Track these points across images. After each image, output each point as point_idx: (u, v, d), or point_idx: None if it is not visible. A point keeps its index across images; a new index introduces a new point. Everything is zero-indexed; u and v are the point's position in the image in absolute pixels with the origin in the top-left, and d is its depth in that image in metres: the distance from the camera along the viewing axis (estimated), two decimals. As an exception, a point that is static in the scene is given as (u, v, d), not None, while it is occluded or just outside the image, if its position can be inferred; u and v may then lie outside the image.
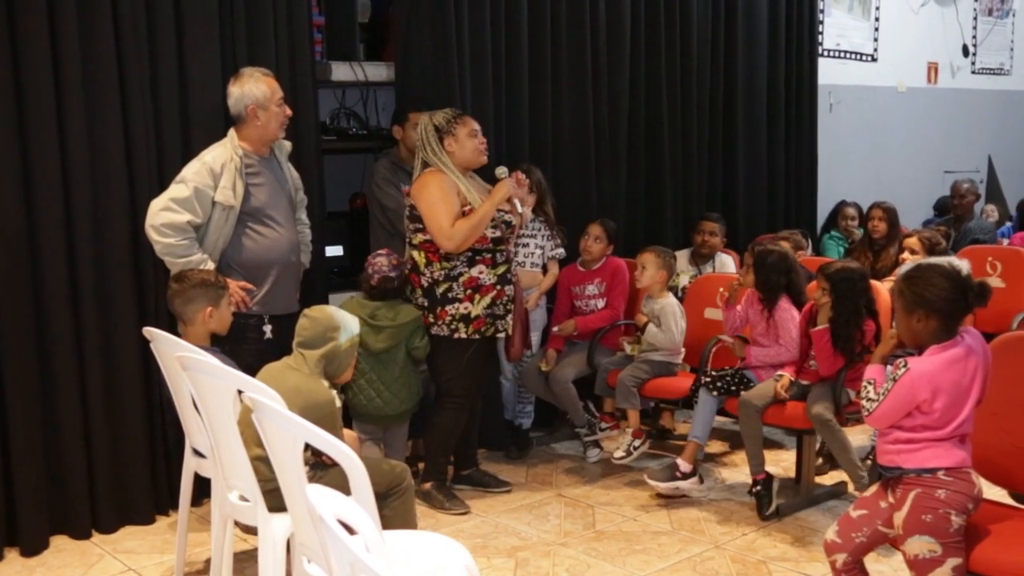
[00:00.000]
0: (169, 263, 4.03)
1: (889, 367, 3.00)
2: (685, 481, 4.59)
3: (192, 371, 3.27)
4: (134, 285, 4.30)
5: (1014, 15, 10.08)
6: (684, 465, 4.60)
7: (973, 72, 9.72)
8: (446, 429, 4.53)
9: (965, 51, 9.60)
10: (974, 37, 9.69)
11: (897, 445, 2.92)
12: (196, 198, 4.00)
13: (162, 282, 4.09)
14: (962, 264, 2.97)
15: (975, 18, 9.65)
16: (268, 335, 4.20)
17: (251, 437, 3.03)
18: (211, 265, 4.05)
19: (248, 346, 4.08)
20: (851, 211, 7.19)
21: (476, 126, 4.42)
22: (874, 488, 3.09)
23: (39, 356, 4.09)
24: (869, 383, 2.98)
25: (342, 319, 3.41)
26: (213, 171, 4.05)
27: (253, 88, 4.16)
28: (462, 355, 4.43)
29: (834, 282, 4.24)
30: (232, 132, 4.20)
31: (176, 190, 4.01)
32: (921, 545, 2.81)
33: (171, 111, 4.37)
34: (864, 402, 2.97)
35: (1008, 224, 8.20)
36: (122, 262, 4.25)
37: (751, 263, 4.60)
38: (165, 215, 3.97)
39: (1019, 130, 10.36)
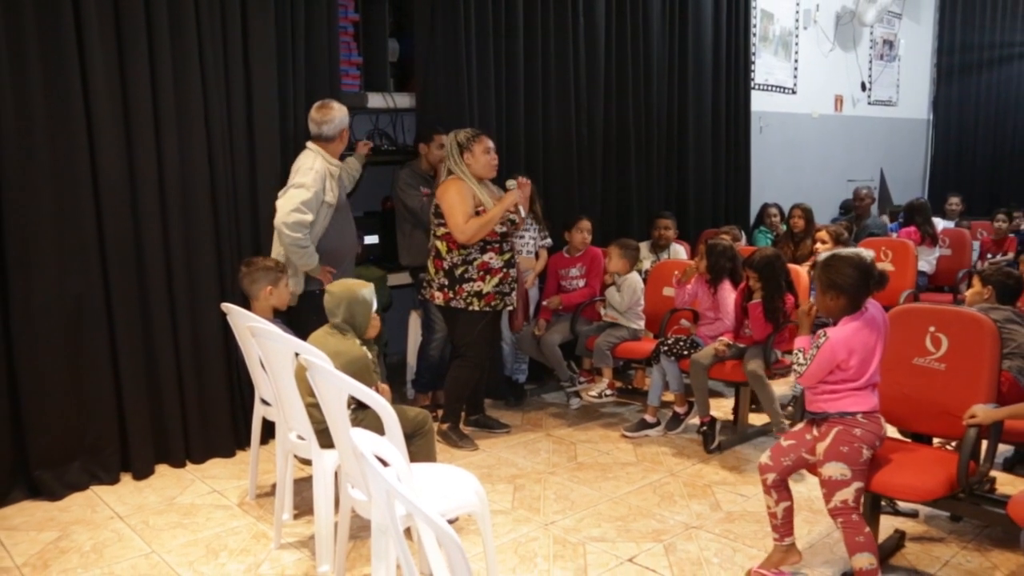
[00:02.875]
0: (292, 251, 4.05)
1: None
2: (652, 429, 4.66)
3: (259, 338, 3.25)
4: (215, 271, 4.26)
5: (900, 60, 10.25)
6: (650, 418, 4.68)
7: (869, 103, 9.83)
8: (461, 383, 4.47)
9: (863, 87, 9.68)
10: (870, 76, 9.74)
11: (824, 396, 2.91)
12: (315, 200, 4.05)
13: (237, 268, 4.04)
14: (868, 255, 2.97)
15: (870, 61, 9.75)
16: None
17: (305, 389, 3.01)
18: (316, 256, 4.09)
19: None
20: (773, 210, 7.16)
21: (491, 144, 4.32)
22: (801, 425, 3.08)
23: (143, 327, 4.07)
24: (799, 351, 2.96)
25: (343, 286, 3.33)
26: (323, 178, 4.09)
27: (345, 115, 4.23)
28: (476, 324, 4.36)
29: (759, 268, 4.27)
30: (317, 146, 4.17)
31: (301, 194, 4.01)
32: (836, 469, 2.81)
33: (240, 132, 4.31)
34: (795, 366, 2.96)
35: (897, 222, 8.14)
36: (206, 253, 4.21)
37: (704, 252, 4.58)
38: (296, 215, 3.98)
39: (904, 149, 10.48)
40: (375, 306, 3.33)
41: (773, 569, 3.05)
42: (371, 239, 5.28)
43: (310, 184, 4.02)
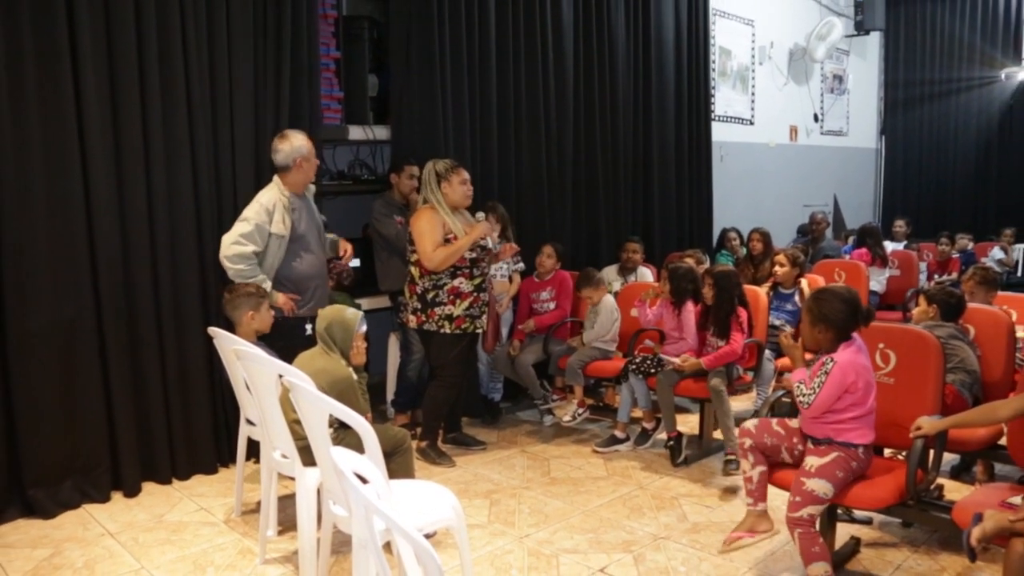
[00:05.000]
0: (237, 279, 3.95)
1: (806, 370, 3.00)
2: (622, 445, 4.66)
3: (244, 360, 3.22)
4: (200, 297, 4.24)
5: (849, 93, 10.44)
6: (620, 434, 4.68)
7: (822, 133, 9.99)
8: (439, 402, 4.45)
9: (816, 118, 9.83)
10: (822, 108, 9.90)
11: (830, 424, 2.91)
12: (257, 232, 3.91)
13: (221, 293, 4.00)
14: (855, 291, 2.99)
15: (822, 94, 9.92)
16: (309, 332, 4.02)
17: (289, 406, 2.99)
18: (269, 284, 3.96)
19: (297, 341, 3.87)
20: (733, 235, 7.23)
21: (467, 176, 4.33)
22: (796, 422, 3.08)
23: (132, 351, 4.04)
24: (800, 384, 2.95)
25: (331, 309, 3.33)
26: (267, 209, 3.95)
27: (300, 144, 4.05)
28: (450, 346, 4.35)
29: (716, 279, 4.35)
30: (277, 178, 4.08)
31: (241, 227, 3.90)
32: (822, 487, 2.81)
33: (226, 165, 4.31)
34: (800, 398, 2.93)
35: (849, 244, 8.26)
36: (191, 279, 4.20)
37: (667, 276, 4.61)
38: (235, 248, 3.87)
39: (855, 176, 10.65)
40: (360, 330, 3.29)
41: (746, 531, 3.07)
42: (352, 263, 5.25)
43: (251, 217, 3.93)
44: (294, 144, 4.03)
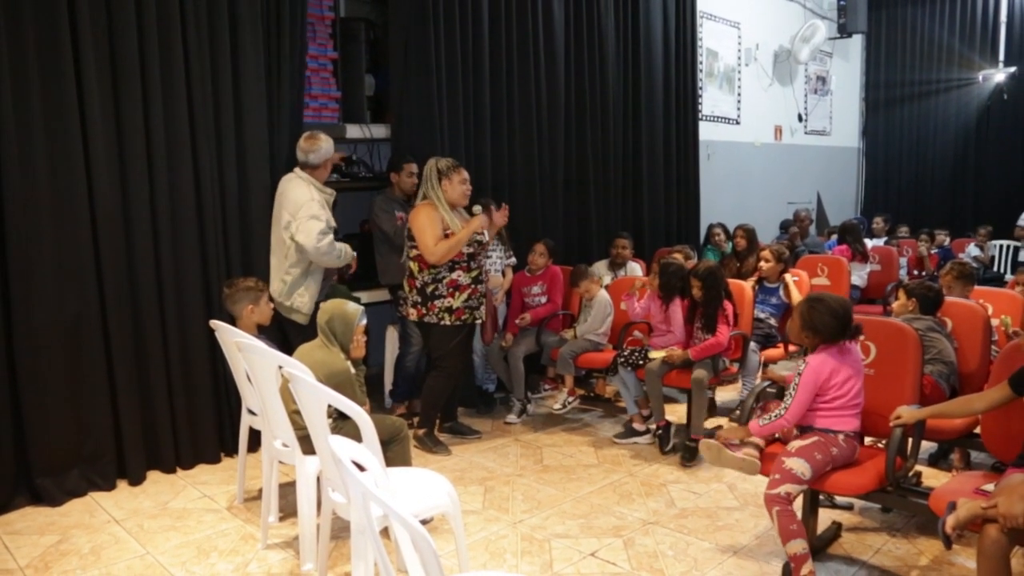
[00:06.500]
0: (334, 263, 4.21)
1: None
2: (641, 437, 4.61)
3: (245, 352, 3.23)
4: (203, 292, 4.22)
5: (832, 94, 10.45)
6: (638, 426, 4.63)
7: (805, 133, 10.00)
8: (437, 392, 4.45)
9: (800, 118, 9.84)
10: (805, 108, 9.91)
11: (813, 412, 2.94)
12: (326, 226, 4.12)
13: (222, 288, 4.00)
14: (848, 304, 2.99)
15: (806, 95, 9.93)
16: None
17: (289, 397, 2.98)
18: (344, 250, 4.22)
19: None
20: (718, 230, 7.21)
21: (466, 175, 4.33)
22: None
23: (136, 344, 4.03)
24: (763, 418, 3.00)
25: (332, 303, 3.31)
26: (322, 204, 4.14)
27: (330, 147, 4.23)
28: (450, 338, 4.35)
29: (702, 278, 4.34)
30: (307, 175, 4.18)
31: (316, 224, 4.07)
32: (800, 465, 2.83)
33: (229, 163, 4.28)
34: (774, 417, 2.96)
35: (832, 239, 8.27)
36: (194, 274, 4.18)
37: (657, 271, 4.61)
38: (323, 243, 4.07)
39: (838, 174, 10.66)
40: (360, 324, 3.28)
41: (734, 440, 3.07)
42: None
43: (319, 213, 4.09)
44: (326, 145, 4.20)
